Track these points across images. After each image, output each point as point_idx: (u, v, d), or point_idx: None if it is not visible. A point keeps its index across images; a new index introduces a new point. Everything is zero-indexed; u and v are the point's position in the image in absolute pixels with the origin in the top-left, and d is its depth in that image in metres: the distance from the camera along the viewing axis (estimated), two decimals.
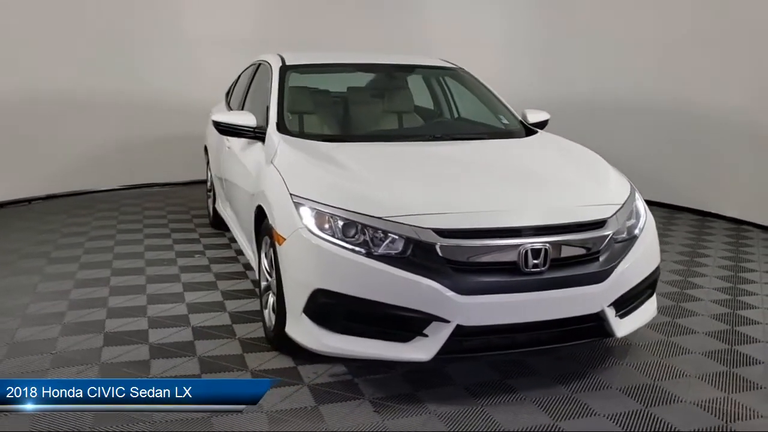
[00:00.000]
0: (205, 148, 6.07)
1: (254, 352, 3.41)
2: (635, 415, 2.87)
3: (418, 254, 2.82)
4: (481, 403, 2.94)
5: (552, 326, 2.95)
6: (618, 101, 7.21)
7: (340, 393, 3.01)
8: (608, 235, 3.05)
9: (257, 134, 3.92)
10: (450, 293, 2.76)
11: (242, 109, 4.86)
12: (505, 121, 4.30)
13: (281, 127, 3.87)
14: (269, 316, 3.44)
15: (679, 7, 6.72)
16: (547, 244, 2.88)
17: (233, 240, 5.47)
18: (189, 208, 6.78)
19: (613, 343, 3.52)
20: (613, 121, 7.22)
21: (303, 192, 3.08)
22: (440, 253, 2.81)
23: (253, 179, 3.77)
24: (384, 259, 2.83)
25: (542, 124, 4.33)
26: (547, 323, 2.93)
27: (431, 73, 4.80)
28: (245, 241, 4.31)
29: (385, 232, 2.85)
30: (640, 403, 2.97)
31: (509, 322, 2.87)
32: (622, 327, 3.11)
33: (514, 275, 2.85)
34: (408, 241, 2.82)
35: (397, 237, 2.84)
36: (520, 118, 4.34)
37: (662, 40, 6.83)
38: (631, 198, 3.32)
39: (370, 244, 2.86)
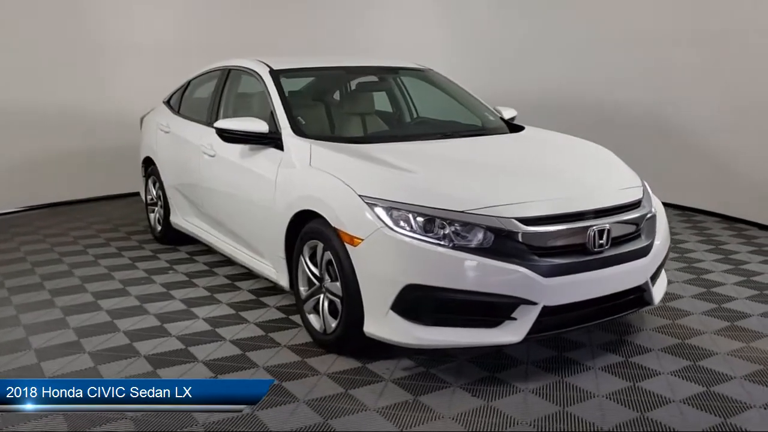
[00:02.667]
0: (147, 160, 5.77)
1: (311, 357, 3.40)
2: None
3: (500, 243, 2.99)
4: (562, 379, 3.18)
5: (611, 300, 3.24)
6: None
7: (427, 384, 3.11)
8: (646, 213, 3.41)
9: (270, 140, 3.88)
10: (536, 276, 2.96)
11: (216, 117, 4.73)
12: (491, 118, 4.56)
13: (297, 131, 3.86)
14: (323, 319, 3.44)
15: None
16: (609, 225, 3.18)
17: (194, 253, 5.31)
18: (116, 225, 6.40)
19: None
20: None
21: (373, 193, 3.14)
22: (522, 240, 3.00)
23: (276, 185, 3.73)
24: (469, 250, 2.97)
25: (512, 120, 4.66)
26: (608, 297, 3.22)
27: (405, 75, 4.95)
28: (249, 251, 4.23)
29: (468, 225, 3.00)
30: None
31: (582, 299, 3.12)
32: (656, 295, 3.49)
33: (584, 255, 3.11)
34: (490, 231, 2.99)
35: (479, 228, 2.99)
36: (500, 116, 4.63)
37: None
38: (641, 179, 3.71)
39: (453, 237, 2.99)
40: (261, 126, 3.89)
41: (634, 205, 3.39)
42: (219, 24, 7.88)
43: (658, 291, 3.52)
